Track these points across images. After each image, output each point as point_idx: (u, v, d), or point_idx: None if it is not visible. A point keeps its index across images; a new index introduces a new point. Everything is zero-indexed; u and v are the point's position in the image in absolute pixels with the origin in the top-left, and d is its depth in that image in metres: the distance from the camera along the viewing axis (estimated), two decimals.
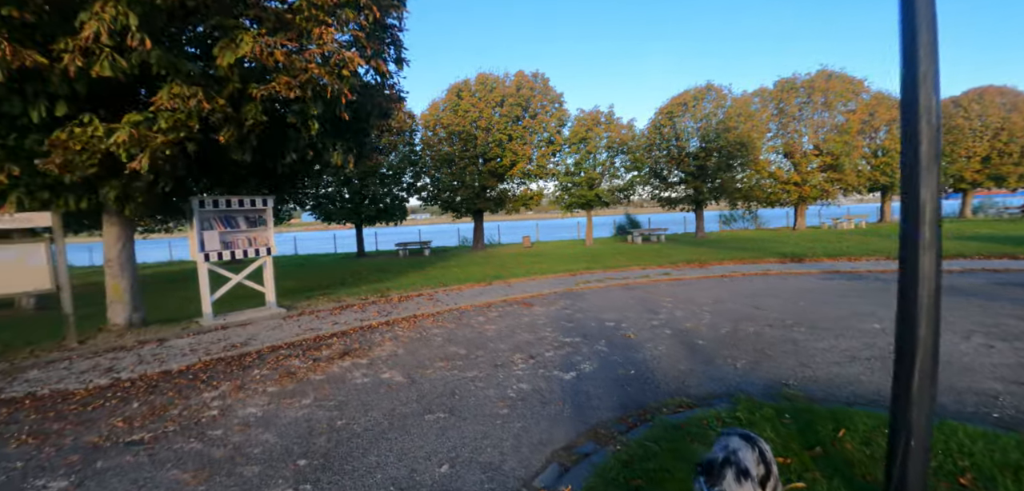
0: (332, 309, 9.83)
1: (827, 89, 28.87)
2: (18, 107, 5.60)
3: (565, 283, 12.12)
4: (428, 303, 10.14)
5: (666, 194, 29.86)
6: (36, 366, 6.78)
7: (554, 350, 6.48)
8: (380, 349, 6.93)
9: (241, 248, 9.28)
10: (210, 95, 5.85)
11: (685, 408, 4.41)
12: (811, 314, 7.84)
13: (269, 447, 4.06)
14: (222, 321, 8.85)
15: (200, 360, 6.72)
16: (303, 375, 5.88)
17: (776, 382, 5.02)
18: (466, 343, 7.05)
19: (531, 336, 7.27)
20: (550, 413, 4.49)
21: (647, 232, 28.35)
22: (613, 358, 6.04)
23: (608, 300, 9.93)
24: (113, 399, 5.43)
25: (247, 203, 9.20)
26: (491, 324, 8.20)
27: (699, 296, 9.94)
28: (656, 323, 7.75)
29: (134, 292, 8.47)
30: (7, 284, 7.26)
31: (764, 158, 30.19)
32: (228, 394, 5.38)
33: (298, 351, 7.03)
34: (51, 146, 5.67)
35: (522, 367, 5.84)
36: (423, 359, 6.34)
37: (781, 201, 31.70)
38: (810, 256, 15.31)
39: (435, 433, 4.16)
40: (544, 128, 25.45)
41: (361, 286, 13.14)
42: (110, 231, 8.16)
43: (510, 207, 25.77)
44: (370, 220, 24.87)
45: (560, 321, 8.18)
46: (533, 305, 9.76)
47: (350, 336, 7.79)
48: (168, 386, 5.78)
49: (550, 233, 42.11)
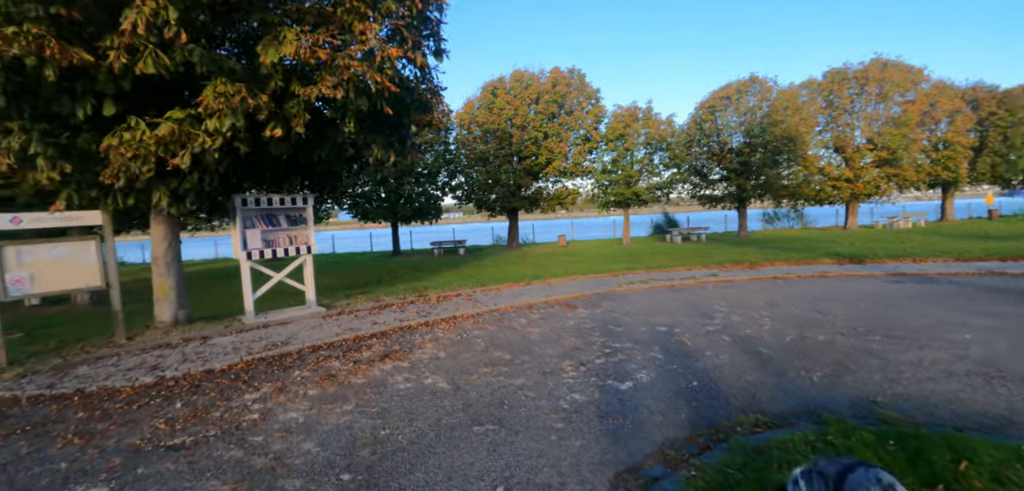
0: (371, 308, 9.70)
1: (882, 79, 27.16)
2: (67, 106, 5.62)
3: (607, 284, 11.65)
4: (467, 304, 9.88)
5: (707, 192, 28.80)
6: (86, 362, 6.86)
7: (605, 357, 6.07)
8: (421, 352, 6.69)
9: (282, 246, 9.26)
10: (254, 92, 5.73)
11: (764, 428, 3.94)
12: (885, 321, 7.15)
13: (311, 458, 3.83)
14: (263, 319, 8.83)
15: (242, 359, 6.64)
16: (344, 378, 5.68)
17: (862, 399, 4.47)
18: (510, 347, 6.72)
19: (578, 341, 6.88)
20: (609, 429, 4.10)
21: (686, 231, 27.41)
22: (671, 367, 5.59)
23: (655, 302, 9.42)
24: (157, 398, 5.36)
25: (288, 201, 9.17)
26: (534, 327, 7.85)
27: (753, 299, 9.31)
28: (711, 328, 7.22)
29: (180, 290, 8.54)
30: (61, 281, 7.39)
31: (813, 153, 28.68)
32: (269, 396, 5.23)
33: (338, 352, 6.87)
34: (105, 153, 5.69)
35: (572, 374, 5.47)
36: (466, 364, 6.05)
37: (830, 199, 30.09)
38: (870, 257, 14.29)
39: (486, 449, 3.84)
40: (580, 125, 24.91)
41: (398, 285, 13.03)
42: (157, 230, 8.25)
43: (545, 206, 25.34)
44: (405, 219, 24.94)
45: (607, 325, 7.75)
46: (576, 307, 9.35)
47: (390, 337, 7.59)
48: (210, 386, 5.69)
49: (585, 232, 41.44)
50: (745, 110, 26.17)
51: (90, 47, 5.33)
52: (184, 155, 5.69)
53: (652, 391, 4.88)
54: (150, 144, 5.52)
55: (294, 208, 9.44)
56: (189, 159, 5.72)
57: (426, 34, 8.06)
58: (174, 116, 5.63)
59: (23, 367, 6.77)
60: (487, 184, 24.44)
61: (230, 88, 5.46)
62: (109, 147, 5.58)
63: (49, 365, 6.78)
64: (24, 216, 7.14)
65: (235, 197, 8.59)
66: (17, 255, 7.06)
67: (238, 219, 8.67)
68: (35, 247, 7.21)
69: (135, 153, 5.58)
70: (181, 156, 5.69)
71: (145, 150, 5.57)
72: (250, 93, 5.59)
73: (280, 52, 5.63)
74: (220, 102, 5.45)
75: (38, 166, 5.87)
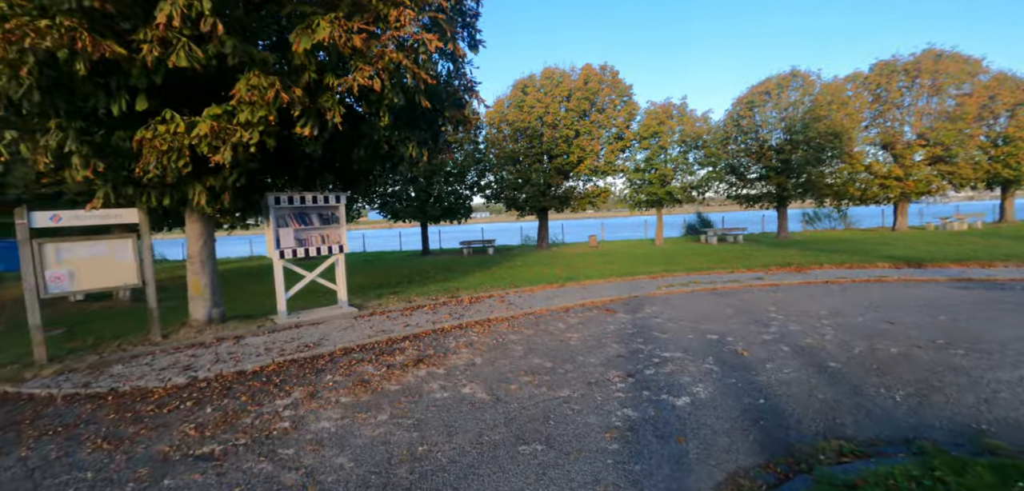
0: (403, 309, 9.47)
1: (936, 70, 25.55)
2: (103, 102, 5.53)
3: (645, 286, 11.13)
4: (501, 306, 9.54)
5: (744, 191, 27.73)
6: (122, 359, 6.82)
7: (654, 367, 5.62)
8: (456, 357, 6.38)
9: (314, 245, 9.12)
10: (287, 85, 5.53)
11: (851, 457, 3.45)
12: (966, 332, 6.45)
13: (344, 475, 3.54)
14: (296, 319, 8.71)
15: (274, 361, 6.47)
16: (377, 385, 5.41)
17: (962, 425, 3.91)
18: (549, 354, 6.34)
19: (622, 348, 6.45)
20: (672, 453, 3.67)
21: (722, 232, 26.42)
22: (729, 380, 5.11)
23: (699, 307, 8.88)
24: (188, 401, 5.21)
25: (320, 200, 9.02)
26: (573, 332, 7.45)
27: (808, 305, 8.66)
28: (768, 337, 6.68)
29: (214, 288, 8.48)
30: (98, 278, 7.39)
31: (859, 150, 27.24)
32: (300, 403, 5.00)
33: (371, 355, 6.63)
34: (139, 146, 5.57)
35: (621, 386, 5.05)
36: (504, 372, 5.70)
37: (876, 198, 28.58)
38: (929, 260, 13.30)
39: (535, 473, 3.47)
40: (612, 123, 24.30)
41: (429, 285, 12.81)
42: (192, 228, 8.20)
43: (576, 205, 24.82)
44: (435, 219, 24.83)
45: (651, 331, 7.29)
46: (615, 311, 8.90)
47: (423, 340, 7.32)
48: (241, 389, 5.51)
49: (615, 232, 40.68)
50: (786, 105, 25.06)
51: (122, 41, 5.22)
52: (225, 150, 5.53)
53: (713, 408, 4.42)
54: (183, 137, 5.37)
55: (326, 207, 9.29)
56: (230, 154, 5.56)
57: (462, 26, 7.77)
58: (213, 112, 5.48)
59: (62, 363, 6.77)
60: (517, 183, 24.07)
61: (264, 80, 5.26)
62: (143, 140, 5.46)
63: (86, 363, 6.76)
64: (63, 214, 7.16)
65: (268, 196, 8.48)
66: (57, 253, 7.09)
67: (271, 218, 8.56)
68: (74, 245, 7.22)
69: (169, 146, 5.44)
70: (222, 151, 5.54)
71: (179, 143, 5.43)
72: (284, 86, 5.38)
73: (314, 38, 5.40)
74: (253, 94, 5.25)
75: (73, 164, 5.81)
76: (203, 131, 5.31)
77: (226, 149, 5.52)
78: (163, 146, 5.43)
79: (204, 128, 5.31)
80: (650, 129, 24.22)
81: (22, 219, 6.78)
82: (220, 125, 5.40)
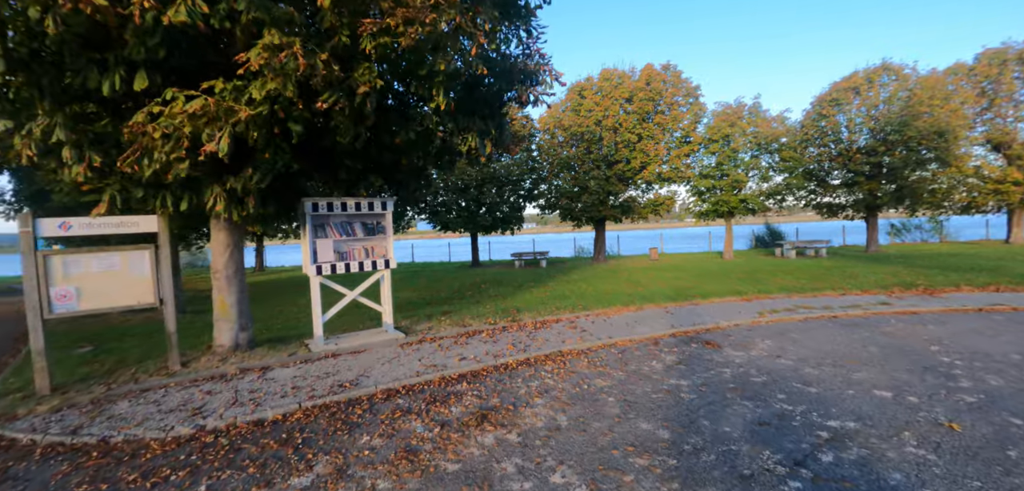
0: (456, 336, 8.03)
1: None
2: (94, 80, 4.40)
3: (740, 311, 9.20)
4: (571, 333, 7.93)
5: (826, 199, 24.80)
6: (129, 395, 5.73)
7: (830, 450, 3.82)
8: (531, 411, 4.82)
9: (357, 259, 7.86)
10: (310, 51, 4.21)
11: None
12: None
13: None
14: (333, 346, 7.44)
15: (301, 406, 5.15)
16: (428, 458, 3.93)
17: None
18: (658, 414, 4.67)
19: (759, 409, 4.68)
20: None
21: (801, 245, 23.63)
22: (971, 482, 3.27)
23: (830, 343, 6.93)
24: (182, 468, 3.92)
25: (364, 206, 7.76)
26: (676, 377, 5.73)
27: (982, 344, 6.55)
28: (969, 398, 4.71)
29: (242, 308, 7.35)
30: (109, 296, 6.36)
31: (963, 151, 23.77)
32: (323, 485, 3.58)
33: (419, 403, 5.19)
34: (129, 133, 4.38)
35: (796, 487, 3.31)
36: (602, 442, 4.08)
37: (983, 207, 24.93)
38: None
39: None
40: (677, 125, 22.24)
41: (484, 303, 11.36)
42: (217, 238, 7.11)
43: (637, 214, 22.83)
44: (486, 229, 23.53)
45: (787, 380, 5.46)
46: (720, 344, 7.09)
47: (484, 381, 5.82)
48: (253, 450, 4.19)
49: (674, 244, 38.13)
50: (877, 102, 22.14)
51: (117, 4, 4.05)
52: (221, 138, 4.25)
53: None
54: (177, 120, 4.14)
55: (371, 214, 8.03)
56: (227, 142, 4.28)
57: None
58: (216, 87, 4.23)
59: (64, 395, 5.78)
60: (573, 192, 22.38)
61: (280, 38, 3.95)
62: (134, 125, 4.26)
63: (90, 397, 5.72)
64: (73, 221, 6.20)
65: (305, 201, 7.29)
66: (64, 266, 6.12)
67: (307, 226, 7.37)
68: (84, 257, 6.24)
69: (164, 132, 4.22)
70: (217, 139, 4.26)
71: (173, 128, 4.20)
72: (305, 52, 4.05)
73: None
74: (263, 57, 3.95)
75: (64, 157, 4.73)
76: (193, 108, 4.05)
77: (223, 136, 4.22)
78: (156, 133, 4.20)
79: (195, 105, 4.05)
80: (721, 131, 21.96)
81: (27, 227, 5.84)
82: (216, 103, 4.11)
